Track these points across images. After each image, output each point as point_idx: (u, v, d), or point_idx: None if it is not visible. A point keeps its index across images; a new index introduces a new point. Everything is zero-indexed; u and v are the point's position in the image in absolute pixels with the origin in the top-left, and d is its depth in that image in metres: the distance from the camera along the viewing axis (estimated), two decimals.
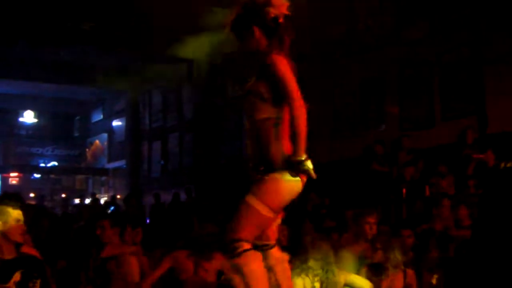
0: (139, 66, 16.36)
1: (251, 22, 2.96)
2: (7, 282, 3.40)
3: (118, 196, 17.03)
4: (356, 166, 9.58)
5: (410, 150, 9.05)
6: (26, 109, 23.09)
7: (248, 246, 2.81)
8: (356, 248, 4.87)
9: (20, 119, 23.60)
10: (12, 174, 22.51)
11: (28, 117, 23.54)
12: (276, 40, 2.97)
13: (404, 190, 8.52)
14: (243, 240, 2.79)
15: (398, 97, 10.42)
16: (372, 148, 9.27)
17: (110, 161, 22.18)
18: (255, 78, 2.97)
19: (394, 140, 9.28)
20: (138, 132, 19.10)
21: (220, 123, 14.88)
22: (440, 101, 9.70)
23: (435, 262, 4.96)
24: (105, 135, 22.58)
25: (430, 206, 6.65)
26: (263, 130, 2.89)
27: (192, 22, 12.67)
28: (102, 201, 18.22)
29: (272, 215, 2.85)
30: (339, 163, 10.32)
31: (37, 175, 23.84)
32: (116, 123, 21.67)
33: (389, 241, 4.61)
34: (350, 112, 11.13)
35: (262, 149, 2.89)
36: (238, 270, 2.81)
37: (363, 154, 9.32)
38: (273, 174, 2.83)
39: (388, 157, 9.24)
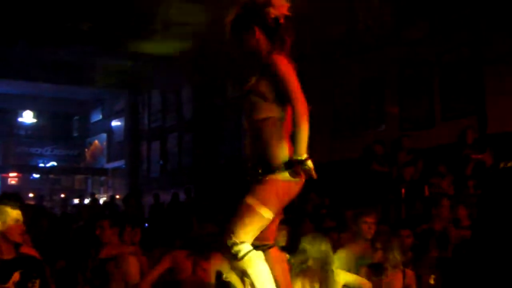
0: (139, 66, 16.38)
1: (251, 22, 2.95)
2: (6, 282, 3.39)
3: (117, 196, 17.03)
4: (356, 166, 9.57)
5: (410, 150, 9.05)
6: (25, 109, 23.08)
7: (250, 248, 2.81)
8: (355, 248, 4.87)
9: (19, 119, 23.59)
10: (11, 174, 22.51)
11: (27, 117, 23.53)
12: (277, 40, 2.96)
13: (404, 190, 8.52)
14: (245, 242, 2.78)
15: (398, 97, 10.41)
16: (372, 148, 9.27)
17: (109, 161, 22.18)
18: (256, 78, 2.96)
19: (394, 140, 9.27)
20: (137, 132, 19.10)
21: (219, 123, 14.88)
22: (440, 101, 9.70)
23: (434, 262, 4.96)
24: (104, 135, 22.58)
25: (430, 206, 6.64)
26: (264, 130, 2.88)
27: (192, 21, 12.70)
28: (101, 201, 18.23)
29: (272, 216, 2.84)
30: (339, 163, 10.32)
31: (36, 175, 23.84)
32: (115, 123, 21.66)
33: (388, 241, 4.60)
34: (350, 112, 11.13)
35: (261, 149, 2.88)
36: (243, 273, 2.82)
37: (363, 154, 9.31)
38: (272, 175, 2.82)
39: (388, 157, 9.23)
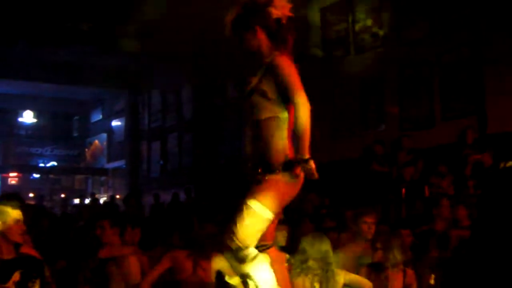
0: (139, 66, 16.38)
1: (253, 22, 2.95)
2: (7, 282, 3.39)
3: (118, 196, 17.03)
4: (356, 166, 9.57)
5: (410, 150, 9.05)
6: (26, 109, 23.08)
7: (256, 252, 2.81)
8: (355, 248, 4.87)
9: (20, 119, 23.58)
10: (12, 174, 22.50)
11: (27, 117, 23.52)
12: (279, 40, 2.96)
13: (404, 190, 8.52)
14: (249, 246, 2.78)
15: (398, 97, 10.41)
16: (372, 148, 9.27)
17: (109, 161, 22.17)
18: (258, 78, 2.96)
19: (394, 140, 9.27)
20: (137, 132, 19.09)
21: (219, 123, 14.87)
22: (440, 101, 9.69)
23: (435, 262, 4.96)
24: (104, 135, 22.57)
25: (430, 206, 6.64)
26: (266, 130, 2.88)
27: (191, 22, 12.69)
28: (102, 201, 18.23)
29: (274, 217, 2.85)
30: (339, 163, 10.31)
31: (36, 175, 23.84)
32: (115, 123, 21.66)
33: (388, 240, 4.60)
34: (350, 112, 11.13)
35: (262, 148, 2.89)
36: (249, 277, 2.81)
37: (363, 154, 9.31)
38: (272, 175, 2.82)
39: (388, 157, 9.23)
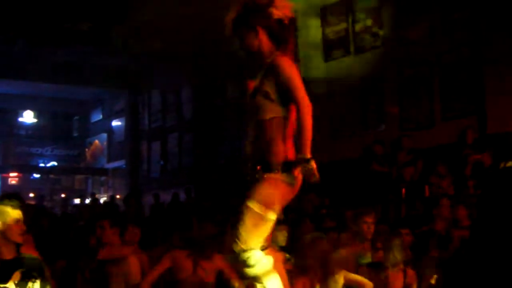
0: (139, 66, 16.38)
1: (254, 22, 2.93)
2: (7, 282, 3.39)
3: (118, 196, 17.03)
4: (356, 166, 9.57)
5: (410, 150, 9.05)
6: (26, 109, 23.06)
7: (260, 254, 2.80)
8: (355, 247, 4.87)
9: (20, 119, 23.57)
10: (12, 174, 22.49)
11: (27, 117, 23.51)
12: (280, 41, 2.96)
13: (404, 190, 8.52)
14: (254, 249, 2.77)
15: (398, 97, 10.41)
16: (372, 148, 9.27)
17: (109, 161, 22.16)
18: (260, 79, 2.96)
19: (394, 140, 9.27)
20: (137, 132, 19.09)
21: (219, 123, 14.87)
22: (440, 101, 9.69)
23: (435, 262, 4.96)
24: (104, 135, 22.56)
25: (430, 206, 6.64)
26: (268, 130, 2.88)
27: (191, 22, 12.69)
28: (102, 201, 18.23)
29: (276, 217, 2.84)
30: (339, 163, 10.31)
31: (36, 175, 23.83)
32: (115, 123, 21.65)
33: (388, 240, 4.60)
34: (350, 112, 11.12)
35: (263, 148, 2.89)
36: (255, 280, 2.80)
37: (363, 154, 9.31)
38: (271, 174, 2.82)
39: (387, 157, 9.23)
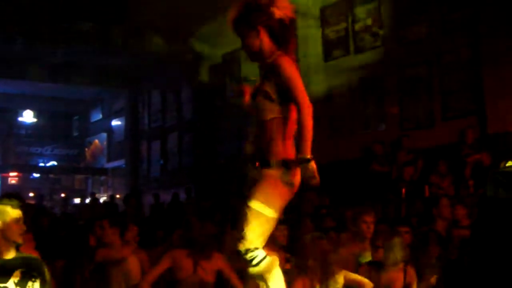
0: (139, 66, 16.36)
1: (255, 22, 2.93)
2: (7, 281, 3.39)
3: (118, 196, 17.02)
4: (356, 166, 9.57)
5: (410, 150, 9.06)
6: (25, 108, 23.04)
7: (264, 253, 2.80)
8: (354, 247, 4.87)
9: (20, 119, 23.55)
10: (12, 174, 22.48)
11: (27, 116, 23.49)
12: (281, 41, 2.96)
13: (404, 190, 8.52)
14: (258, 248, 2.77)
15: (398, 97, 10.41)
16: (372, 148, 9.28)
17: (109, 160, 22.15)
18: (261, 79, 2.96)
19: (394, 140, 9.28)
20: (137, 131, 19.08)
21: (219, 123, 14.86)
22: (440, 101, 9.70)
23: (435, 261, 4.96)
24: (104, 135, 22.55)
25: (430, 206, 6.64)
26: (269, 130, 2.88)
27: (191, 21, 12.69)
28: (101, 200, 18.22)
29: (278, 215, 2.84)
30: (339, 163, 10.31)
31: (36, 175, 23.81)
32: (115, 122, 21.64)
33: (388, 239, 4.59)
34: (350, 112, 11.12)
35: (263, 146, 2.89)
36: (259, 279, 2.80)
37: (364, 155, 9.32)
38: (269, 171, 2.82)
39: (388, 157, 9.24)
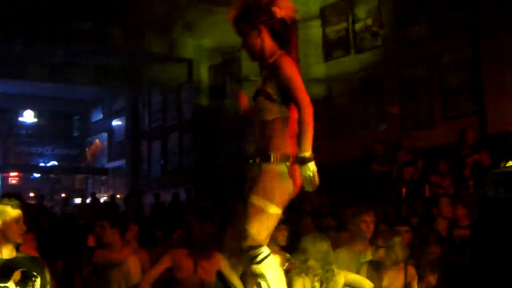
0: (139, 65, 16.37)
1: (257, 21, 2.92)
2: (7, 281, 3.40)
3: (118, 196, 17.01)
4: (356, 166, 9.58)
5: (410, 150, 9.06)
6: (26, 108, 23.02)
7: (270, 251, 2.79)
8: (354, 247, 4.87)
9: (20, 119, 23.54)
10: (12, 174, 22.47)
11: (27, 116, 23.48)
12: (283, 41, 2.96)
13: (404, 190, 8.52)
14: (262, 246, 2.76)
15: (398, 97, 10.42)
16: (372, 148, 9.28)
17: (109, 160, 22.14)
18: (262, 79, 2.96)
19: (394, 140, 9.29)
20: (137, 131, 19.08)
21: (219, 123, 14.86)
22: (440, 101, 9.70)
23: (435, 261, 4.96)
24: (104, 135, 22.54)
25: (430, 205, 6.64)
26: (271, 130, 2.89)
27: (190, 21, 12.69)
28: (102, 200, 18.22)
29: (280, 211, 2.83)
30: (339, 163, 10.32)
31: (36, 175, 23.80)
32: (115, 122, 21.64)
33: (389, 238, 4.59)
34: (350, 112, 11.13)
35: (264, 145, 2.89)
36: (261, 277, 2.78)
37: (364, 155, 9.33)
38: (269, 166, 2.82)
39: (388, 157, 9.24)
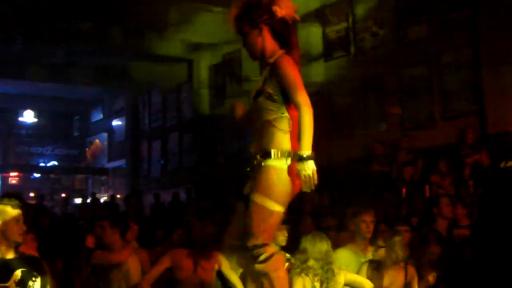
0: (139, 65, 16.38)
1: (258, 20, 2.93)
2: (7, 281, 3.40)
3: (118, 196, 17.01)
4: (356, 166, 9.58)
5: (410, 150, 9.06)
6: (26, 108, 23.02)
7: (274, 250, 2.78)
8: (354, 247, 4.87)
9: (20, 119, 23.53)
10: (12, 174, 22.46)
11: (28, 116, 23.47)
12: (284, 41, 2.96)
13: (404, 190, 8.52)
14: (267, 244, 2.76)
15: (398, 97, 10.42)
16: (372, 149, 9.29)
17: (110, 160, 22.14)
18: (263, 79, 2.96)
19: (394, 140, 9.29)
20: (137, 131, 19.08)
21: (219, 123, 14.87)
22: (440, 101, 9.70)
23: (435, 260, 4.96)
24: (104, 135, 22.54)
25: (430, 205, 6.65)
26: (272, 129, 2.89)
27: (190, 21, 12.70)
28: (102, 200, 18.22)
29: (283, 209, 2.83)
30: (339, 163, 10.31)
31: (36, 175, 23.79)
32: (115, 122, 21.63)
33: (389, 238, 4.59)
34: (350, 112, 11.13)
35: (265, 143, 2.89)
36: (264, 276, 2.77)
37: (364, 155, 9.33)
38: (270, 162, 2.82)
39: (388, 157, 9.24)
